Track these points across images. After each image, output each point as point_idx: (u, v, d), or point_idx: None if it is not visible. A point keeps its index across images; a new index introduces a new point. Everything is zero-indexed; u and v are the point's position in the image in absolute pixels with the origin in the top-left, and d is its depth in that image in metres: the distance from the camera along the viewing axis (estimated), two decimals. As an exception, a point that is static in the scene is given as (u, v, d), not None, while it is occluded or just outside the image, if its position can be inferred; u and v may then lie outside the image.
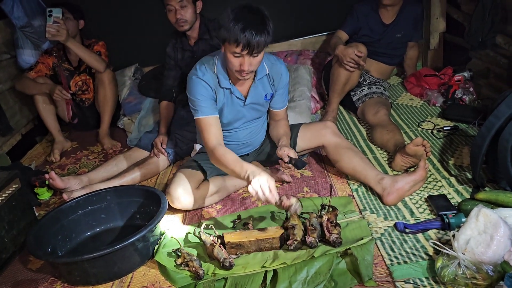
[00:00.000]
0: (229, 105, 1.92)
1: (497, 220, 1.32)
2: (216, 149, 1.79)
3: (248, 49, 1.65)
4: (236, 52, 1.67)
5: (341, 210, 1.80)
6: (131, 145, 2.71)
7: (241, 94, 1.90)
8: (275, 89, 1.97)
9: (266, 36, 1.65)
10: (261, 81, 1.92)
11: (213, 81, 1.85)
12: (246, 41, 1.62)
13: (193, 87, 1.84)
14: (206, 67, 1.85)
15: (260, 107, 1.99)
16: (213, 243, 1.64)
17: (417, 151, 1.91)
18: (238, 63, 1.70)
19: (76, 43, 2.66)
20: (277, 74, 1.94)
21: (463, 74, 2.68)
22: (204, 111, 1.84)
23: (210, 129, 1.84)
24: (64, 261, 1.64)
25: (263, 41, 1.65)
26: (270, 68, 1.92)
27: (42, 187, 2.31)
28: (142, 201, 1.93)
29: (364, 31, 2.72)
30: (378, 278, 1.44)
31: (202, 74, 1.84)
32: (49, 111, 2.87)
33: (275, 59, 1.95)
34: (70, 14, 2.69)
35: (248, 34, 1.61)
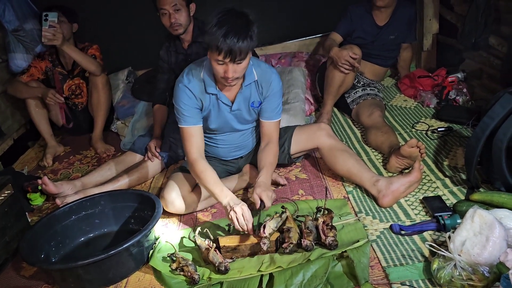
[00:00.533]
0: (216, 111, 1.89)
1: (493, 221, 1.32)
2: (196, 162, 1.80)
3: (231, 56, 1.60)
4: (219, 59, 1.63)
5: (337, 213, 1.79)
6: (124, 149, 2.69)
7: (228, 99, 1.87)
8: (263, 97, 1.90)
9: (249, 41, 1.60)
10: (249, 87, 1.87)
11: (199, 88, 1.82)
12: (228, 48, 1.57)
13: (178, 95, 1.82)
14: (193, 73, 1.83)
15: (247, 115, 1.94)
16: (208, 247, 1.63)
17: (412, 153, 1.91)
18: (222, 70, 1.67)
19: (72, 47, 2.64)
20: (267, 82, 1.87)
21: (457, 75, 2.68)
22: (187, 121, 1.83)
23: (191, 139, 1.84)
24: (57, 267, 1.62)
25: (245, 47, 1.60)
26: (260, 75, 1.86)
27: (35, 193, 2.29)
28: (137, 206, 1.92)
29: (358, 33, 2.72)
30: (374, 281, 1.43)
31: (188, 81, 1.81)
32: (42, 116, 2.85)
33: (266, 67, 1.90)
34: (64, 17, 2.67)
35: (229, 40, 1.56)
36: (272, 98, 1.90)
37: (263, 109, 1.93)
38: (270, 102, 1.91)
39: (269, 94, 1.89)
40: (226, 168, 2.14)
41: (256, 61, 1.90)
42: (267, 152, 1.91)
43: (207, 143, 2.03)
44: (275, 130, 1.97)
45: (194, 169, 1.80)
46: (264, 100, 1.91)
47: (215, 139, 2.03)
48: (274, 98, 1.91)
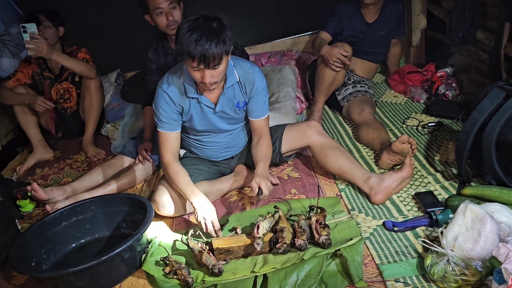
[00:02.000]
0: (199, 114, 1.88)
1: (484, 215, 1.32)
2: (170, 165, 1.84)
3: (205, 62, 1.57)
4: (194, 66, 1.60)
5: (330, 211, 1.79)
6: (115, 152, 2.67)
7: (210, 102, 1.85)
8: (248, 96, 1.89)
9: (222, 46, 1.57)
10: (232, 88, 1.85)
11: (179, 91, 1.81)
12: (201, 54, 1.55)
13: (157, 100, 1.83)
14: (173, 77, 1.81)
15: (233, 115, 1.93)
16: (201, 249, 1.62)
17: (403, 149, 1.91)
18: (199, 76, 1.65)
19: (61, 55, 2.58)
20: (249, 81, 1.86)
21: (445, 70, 2.69)
22: (164, 127, 1.84)
23: (166, 145, 1.86)
24: (48, 275, 1.60)
25: (218, 51, 1.57)
26: (242, 75, 1.85)
27: (24, 199, 2.26)
28: (128, 210, 1.90)
29: (347, 31, 2.72)
30: (368, 278, 1.43)
31: (167, 85, 1.80)
32: (30, 122, 2.81)
33: (248, 67, 1.87)
34: (49, 21, 2.62)
35: (200, 47, 1.53)
36: (257, 97, 1.90)
37: (251, 109, 1.93)
38: (256, 101, 1.91)
39: (253, 93, 1.89)
40: (218, 169, 2.13)
41: (238, 61, 1.87)
42: (261, 146, 1.94)
43: (196, 145, 2.02)
44: (266, 125, 1.98)
45: (168, 171, 1.84)
46: (250, 100, 1.90)
47: (203, 141, 2.01)
48: (259, 96, 1.90)
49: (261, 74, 1.90)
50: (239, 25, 3.13)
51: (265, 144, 1.94)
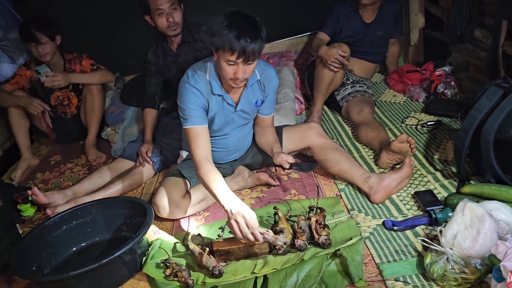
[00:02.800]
0: (220, 111, 1.89)
1: (483, 213, 1.33)
2: (202, 164, 1.72)
3: (244, 57, 1.62)
4: (231, 60, 1.64)
5: (329, 211, 1.79)
6: (115, 156, 2.67)
7: (232, 100, 1.88)
8: (266, 95, 1.95)
9: (260, 43, 1.63)
10: (252, 87, 1.90)
11: (206, 89, 1.82)
12: (241, 49, 1.59)
13: (185, 95, 1.80)
14: (199, 74, 1.81)
15: (249, 114, 1.97)
16: (201, 251, 1.62)
17: (402, 148, 1.91)
18: (232, 71, 1.68)
19: (78, 76, 2.78)
20: (268, 79, 1.92)
21: (444, 68, 2.70)
22: (194, 121, 1.80)
23: (198, 140, 1.78)
24: (49, 279, 1.61)
25: (257, 48, 1.63)
26: (261, 74, 1.90)
27: (25, 204, 2.26)
28: (128, 213, 1.90)
29: (345, 32, 2.72)
30: (368, 278, 1.43)
31: (195, 81, 1.80)
32: (22, 126, 2.82)
33: (264, 65, 1.94)
34: (45, 37, 2.62)
35: (243, 41, 1.58)
36: (272, 95, 1.98)
37: (264, 107, 2.00)
38: (269, 100, 1.99)
39: (270, 91, 1.96)
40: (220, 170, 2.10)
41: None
42: (269, 133, 2.02)
43: None
44: (272, 121, 2.09)
45: (199, 170, 1.72)
46: (266, 98, 1.96)
47: (213, 142, 2.01)
48: (273, 94, 1.99)
49: (275, 72, 1.98)
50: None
51: (273, 132, 2.04)
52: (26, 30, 2.58)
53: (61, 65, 2.80)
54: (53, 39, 2.67)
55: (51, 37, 2.66)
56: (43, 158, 3.00)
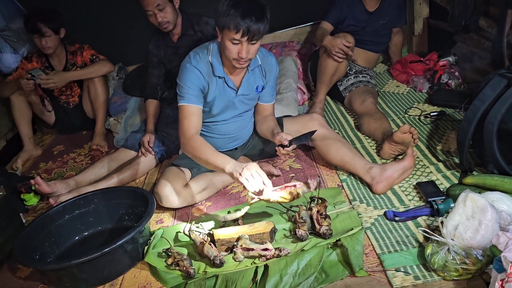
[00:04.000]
0: (221, 94, 1.90)
1: (485, 204, 1.32)
2: (193, 138, 1.78)
3: (248, 35, 1.64)
4: (235, 38, 1.66)
5: (331, 201, 1.79)
6: (117, 146, 2.67)
7: (234, 84, 1.89)
8: (266, 81, 1.96)
9: (265, 23, 1.66)
10: (253, 72, 1.92)
11: (207, 70, 1.84)
12: (246, 27, 1.62)
13: (185, 74, 1.82)
14: (200, 56, 1.84)
15: (250, 100, 1.98)
16: (203, 241, 1.63)
17: (405, 139, 1.91)
18: (236, 50, 1.70)
19: (76, 73, 2.76)
20: (269, 66, 1.95)
21: (448, 58, 2.67)
22: (190, 99, 1.83)
23: (191, 118, 1.82)
24: (52, 267, 1.61)
25: (262, 28, 1.65)
26: (262, 59, 1.92)
27: (28, 193, 2.27)
28: (130, 202, 1.90)
29: (349, 21, 2.69)
30: (369, 268, 1.44)
31: (196, 62, 1.82)
32: (24, 116, 2.82)
33: (266, 51, 1.97)
34: (50, 30, 2.62)
35: (248, 20, 1.61)
36: (272, 82, 1.99)
37: (264, 94, 2.00)
38: (270, 86, 2.00)
39: (270, 78, 1.97)
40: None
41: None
42: (269, 121, 2.00)
43: (204, 133, 2.02)
44: (273, 109, 2.09)
45: (192, 144, 1.76)
46: (266, 84, 1.97)
47: (212, 128, 2.02)
48: (273, 81, 2.00)
49: (276, 60, 1.99)
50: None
51: (273, 119, 2.02)
52: (31, 22, 2.58)
53: (63, 56, 2.80)
54: (57, 32, 2.67)
55: (56, 30, 2.65)
56: (46, 148, 3.01)
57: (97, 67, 2.77)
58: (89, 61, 2.80)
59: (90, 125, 2.97)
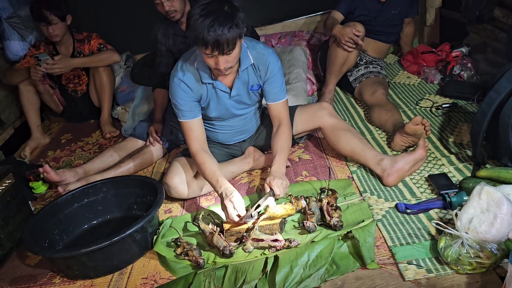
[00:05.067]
0: (215, 99, 1.85)
1: (500, 197, 1.30)
2: (197, 155, 1.80)
3: (218, 49, 1.54)
4: (207, 53, 1.57)
5: (341, 193, 1.77)
6: (125, 135, 2.67)
7: (225, 86, 1.83)
8: (263, 80, 1.85)
9: (235, 30, 1.52)
10: (246, 72, 1.82)
11: (194, 78, 1.78)
12: (214, 41, 1.51)
13: (174, 90, 1.79)
14: (187, 65, 1.78)
15: (247, 99, 1.90)
16: (212, 231, 1.62)
17: (417, 130, 1.88)
18: (213, 62, 1.62)
19: (81, 61, 2.75)
20: (263, 63, 1.81)
21: (461, 49, 2.63)
22: (186, 115, 1.81)
23: (191, 134, 1.83)
24: (61, 255, 1.62)
25: (232, 37, 1.52)
26: (256, 58, 1.80)
27: (37, 181, 2.28)
28: (139, 192, 1.90)
29: (359, 10, 2.65)
30: (380, 260, 1.42)
31: (183, 74, 1.77)
32: (32, 105, 2.81)
33: (262, 48, 1.82)
34: (55, 17, 2.60)
35: (212, 33, 1.49)
36: (273, 79, 1.85)
37: (267, 92, 1.89)
38: (272, 84, 1.86)
39: (268, 76, 1.84)
40: (229, 151, 2.12)
41: (252, 43, 1.83)
42: (279, 137, 1.88)
43: (208, 129, 2.00)
44: (284, 110, 1.92)
45: (195, 161, 1.81)
46: (266, 83, 1.86)
47: (216, 125, 2.00)
48: (275, 79, 1.85)
49: (275, 56, 1.85)
50: (249, 5, 3.08)
51: (284, 134, 1.88)
52: (37, 10, 2.56)
53: (70, 44, 2.79)
54: (63, 20, 2.65)
55: (62, 17, 2.63)
56: (54, 136, 3.01)
57: (103, 56, 2.76)
58: (97, 50, 2.79)
59: (97, 114, 2.96)
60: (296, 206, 1.67)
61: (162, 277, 1.56)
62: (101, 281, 1.61)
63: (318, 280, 1.37)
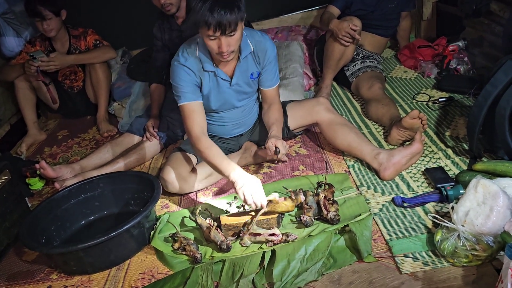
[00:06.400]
0: (215, 89, 1.86)
1: (497, 190, 1.30)
2: (200, 139, 1.76)
3: (221, 29, 1.56)
4: (210, 34, 1.59)
5: (338, 187, 1.78)
6: (122, 131, 2.67)
7: (226, 75, 1.84)
8: (261, 66, 1.89)
9: (237, 12, 1.56)
10: (246, 59, 1.85)
11: (197, 66, 1.79)
12: (217, 22, 1.54)
13: (176, 73, 1.79)
14: (188, 52, 1.79)
15: (247, 88, 1.92)
16: (209, 226, 1.62)
17: (413, 124, 1.88)
18: (216, 45, 1.63)
19: (77, 57, 2.74)
20: (262, 51, 1.86)
21: (457, 43, 2.62)
22: (187, 97, 1.80)
23: (193, 116, 1.80)
24: (58, 251, 1.61)
25: (234, 18, 1.56)
26: (255, 45, 1.84)
27: (33, 177, 2.27)
28: (136, 187, 1.90)
29: (356, 5, 2.64)
30: (377, 254, 1.43)
31: (185, 59, 1.78)
32: (28, 101, 2.80)
33: (259, 35, 1.87)
34: (50, 13, 2.58)
35: (216, 14, 1.52)
36: (269, 66, 1.90)
37: (264, 79, 1.93)
38: (268, 71, 1.91)
39: (266, 63, 1.88)
40: (226, 146, 2.12)
41: (250, 31, 1.87)
42: (273, 111, 1.94)
43: (208, 121, 1.99)
44: (277, 94, 1.99)
45: (198, 146, 1.76)
46: (263, 70, 1.90)
47: (215, 117, 2.00)
48: (271, 65, 1.91)
49: (272, 43, 1.90)
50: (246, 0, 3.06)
51: (276, 110, 1.94)
52: (31, 6, 2.55)
53: (66, 40, 2.77)
54: (58, 15, 2.63)
55: (56, 12, 2.62)
56: (51, 132, 3.00)
57: (99, 53, 2.74)
58: (93, 46, 2.78)
59: (94, 110, 2.95)
60: (296, 202, 1.68)
61: (159, 272, 1.56)
62: (99, 276, 1.61)
63: (315, 274, 1.38)
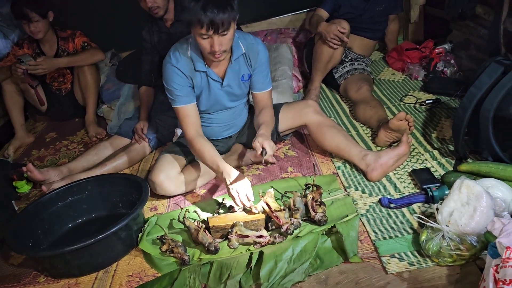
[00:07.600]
0: (206, 90, 1.86)
1: (480, 191, 1.32)
2: (194, 140, 1.80)
3: (213, 28, 1.57)
4: (203, 33, 1.59)
5: (326, 189, 1.79)
6: (111, 133, 2.65)
7: (217, 76, 1.84)
8: (253, 69, 1.89)
9: (230, 11, 1.56)
10: (238, 61, 1.85)
11: (188, 67, 1.79)
12: (209, 21, 1.54)
13: (168, 75, 1.79)
14: (180, 53, 1.79)
15: (238, 90, 1.92)
16: (197, 228, 1.62)
17: (401, 126, 1.90)
18: (208, 44, 1.63)
19: (66, 60, 2.71)
20: (254, 53, 1.86)
21: (444, 46, 2.66)
22: (181, 100, 1.80)
23: (187, 119, 1.82)
24: (45, 254, 1.60)
25: (227, 17, 1.56)
26: (247, 47, 1.84)
27: (21, 180, 2.25)
28: (124, 189, 1.89)
29: (345, 8, 2.67)
30: (364, 254, 1.44)
31: (176, 61, 1.78)
32: (15, 104, 2.78)
33: (252, 39, 1.88)
34: (37, 15, 2.57)
35: (209, 12, 1.53)
36: (260, 69, 1.89)
37: (255, 82, 1.92)
38: (259, 73, 1.90)
39: (257, 65, 1.88)
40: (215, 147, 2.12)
41: (242, 33, 1.88)
42: (263, 115, 1.91)
43: None
44: (269, 98, 1.97)
45: (194, 146, 1.82)
46: (254, 72, 1.90)
47: (205, 118, 2.00)
48: (262, 68, 1.90)
49: (264, 46, 1.90)
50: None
51: (268, 113, 1.92)
52: (17, 8, 2.53)
53: (54, 42, 2.76)
54: (45, 17, 2.61)
55: (43, 14, 2.60)
56: (39, 135, 2.98)
57: (87, 55, 2.73)
58: (81, 48, 2.77)
59: (82, 112, 2.93)
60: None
61: (147, 275, 1.56)
62: (86, 279, 1.60)
63: (302, 274, 1.39)
